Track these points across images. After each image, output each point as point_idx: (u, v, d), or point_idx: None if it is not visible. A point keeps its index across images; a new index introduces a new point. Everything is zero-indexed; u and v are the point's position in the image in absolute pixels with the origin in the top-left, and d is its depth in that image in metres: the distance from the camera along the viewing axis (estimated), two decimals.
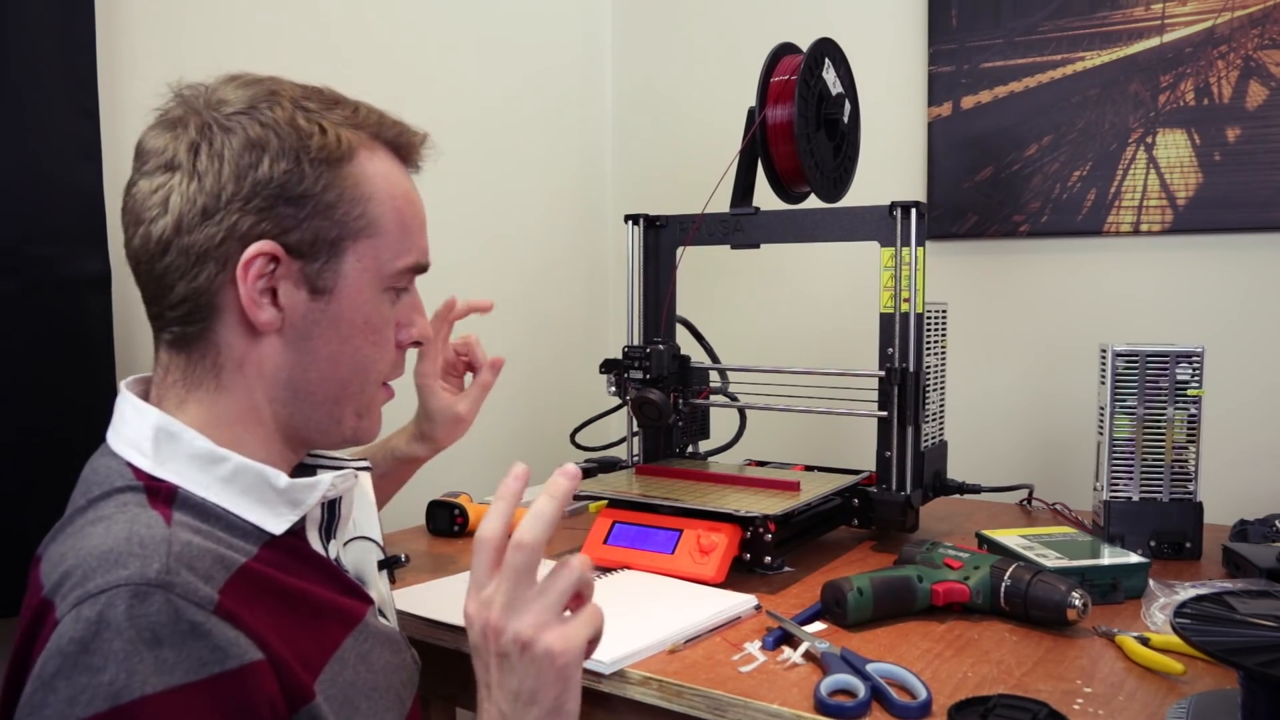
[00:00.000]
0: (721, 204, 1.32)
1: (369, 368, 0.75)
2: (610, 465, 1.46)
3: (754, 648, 0.89)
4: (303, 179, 0.69)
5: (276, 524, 0.70)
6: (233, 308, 0.70)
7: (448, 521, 1.33)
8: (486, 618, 0.67)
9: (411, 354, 1.13)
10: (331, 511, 0.77)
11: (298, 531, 0.73)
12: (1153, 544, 1.18)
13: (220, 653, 0.59)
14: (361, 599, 0.77)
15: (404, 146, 0.77)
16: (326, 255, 0.71)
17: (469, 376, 1.14)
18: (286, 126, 0.69)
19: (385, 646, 0.77)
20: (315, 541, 0.75)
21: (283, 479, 0.70)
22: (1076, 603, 0.91)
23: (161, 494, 0.66)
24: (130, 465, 0.68)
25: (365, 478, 0.90)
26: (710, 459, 1.46)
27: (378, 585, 0.83)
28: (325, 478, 0.73)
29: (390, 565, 0.87)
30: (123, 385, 0.74)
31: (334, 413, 0.75)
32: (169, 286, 0.69)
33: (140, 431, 0.69)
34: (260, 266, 0.68)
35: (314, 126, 0.70)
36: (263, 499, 0.70)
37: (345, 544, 0.82)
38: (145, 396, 0.73)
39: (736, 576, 1.08)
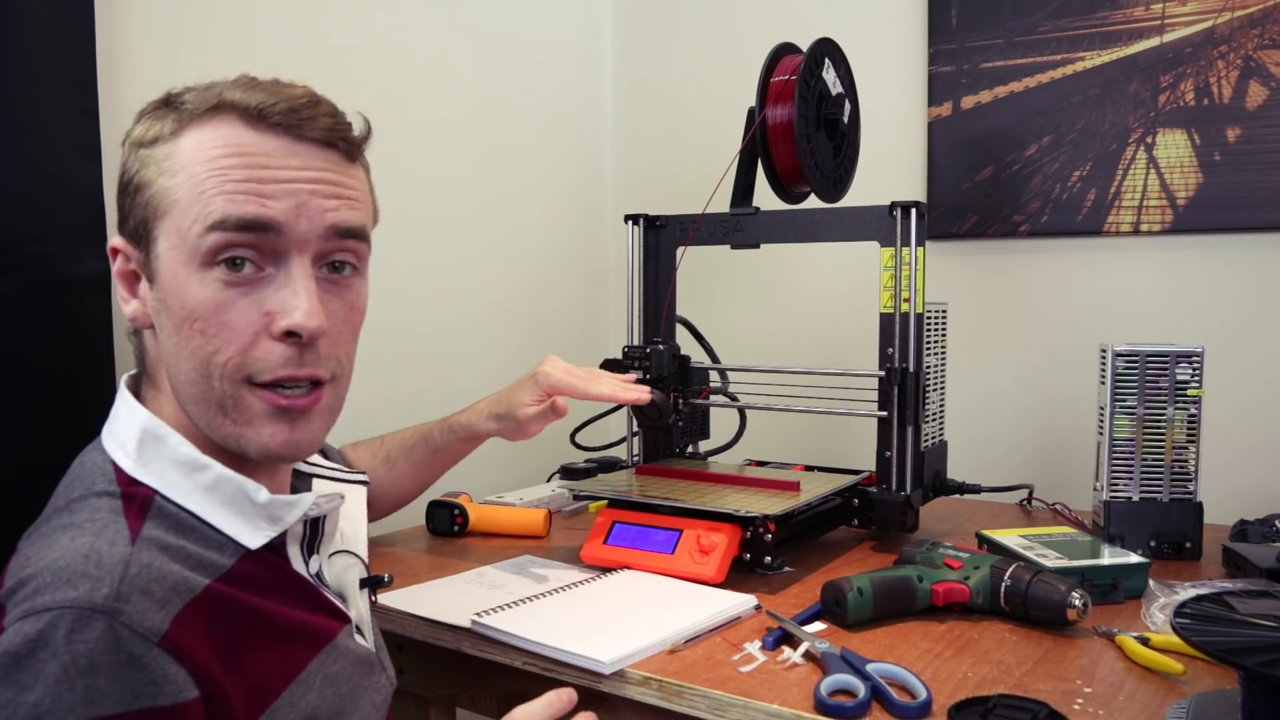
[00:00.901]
0: (721, 204, 1.32)
1: (205, 362, 0.66)
2: (610, 465, 1.46)
3: (754, 648, 0.89)
4: (128, 168, 0.70)
5: (254, 538, 0.69)
6: None
7: (448, 521, 1.33)
8: None
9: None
10: (315, 528, 0.76)
11: (277, 546, 0.71)
12: (1153, 544, 1.18)
13: (154, 687, 0.57)
14: (337, 617, 0.75)
15: (251, 109, 0.67)
16: (146, 240, 0.68)
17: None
18: (135, 122, 0.71)
19: (357, 668, 0.76)
20: (296, 557, 0.73)
21: (263, 494, 0.69)
22: (1076, 603, 0.91)
23: (137, 501, 0.65)
24: (114, 464, 0.68)
25: (356, 494, 0.87)
26: (710, 459, 1.46)
27: (358, 603, 0.81)
28: (308, 497, 0.72)
29: (372, 584, 0.84)
30: (122, 381, 0.74)
31: (203, 414, 0.68)
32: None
33: (128, 431, 0.69)
34: (120, 262, 0.71)
35: (150, 114, 0.70)
36: (242, 511, 0.69)
37: (330, 556, 0.80)
38: (138, 390, 0.74)
39: (736, 576, 1.08)
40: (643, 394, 1.11)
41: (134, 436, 0.68)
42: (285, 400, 0.68)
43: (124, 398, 0.71)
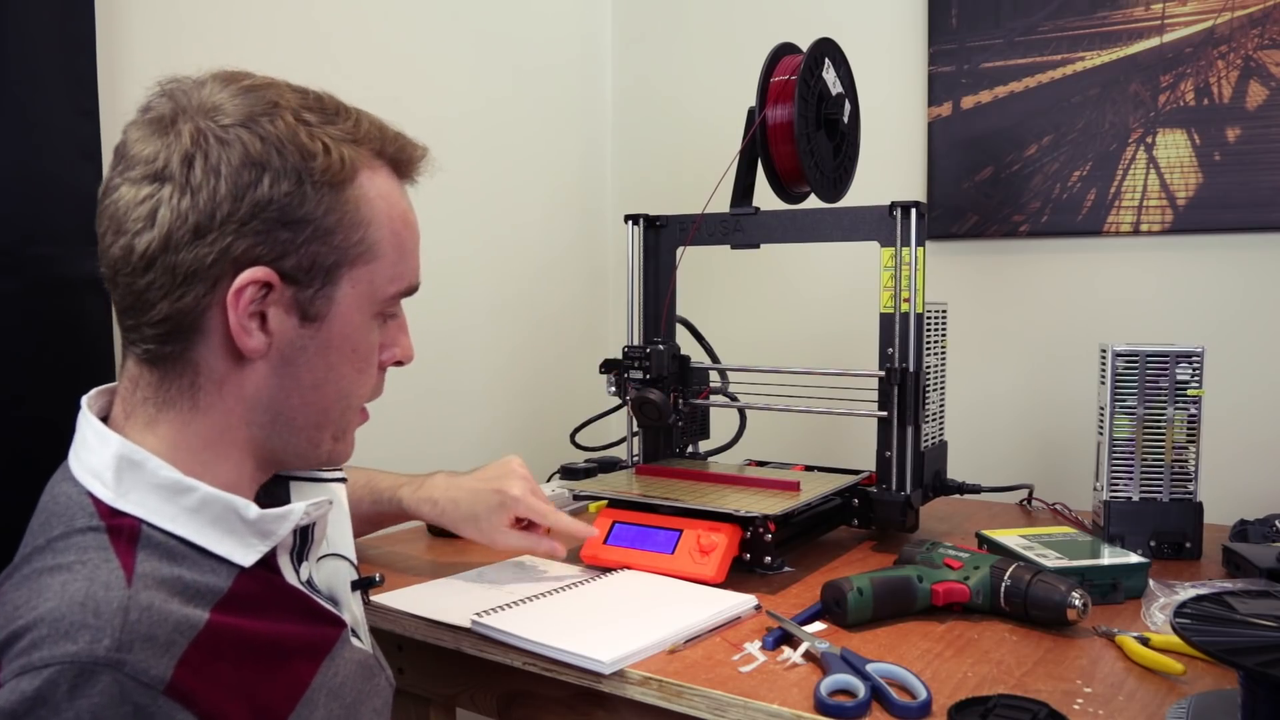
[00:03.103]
0: (721, 204, 1.32)
1: (352, 393, 0.73)
2: (610, 465, 1.46)
3: (754, 648, 0.89)
4: (304, 202, 0.65)
5: (246, 555, 0.67)
6: (217, 330, 0.66)
7: None
8: None
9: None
10: (304, 536, 0.75)
11: (268, 559, 0.70)
12: (1153, 544, 1.18)
13: None
14: (333, 624, 0.75)
15: (404, 162, 0.74)
16: (321, 281, 0.68)
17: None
18: (289, 144, 0.65)
19: (358, 674, 0.76)
20: (286, 567, 0.72)
21: (252, 510, 0.67)
22: (1076, 603, 0.91)
23: (124, 534, 0.63)
24: (91, 496, 0.64)
25: (341, 492, 0.87)
26: (710, 459, 1.46)
27: (351, 606, 0.81)
28: (297, 507, 0.71)
29: (364, 586, 0.84)
30: (84, 403, 0.70)
31: (313, 438, 0.73)
32: (150, 304, 0.65)
33: (102, 460, 0.65)
34: (252, 293, 0.65)
35: (317, 144, 0.66)
36: (231, 530, 0.67)
37: (319, 560, 0.80)
38: (109, 409, 0.71)
39: (736, 576, 1.08)
40: (591, 532, 1.11)
41: (109, 465, 0.65)
42: (367, 415, 0.78)
43: (90, 423, 0.67)
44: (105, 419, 0.70)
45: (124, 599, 0.58)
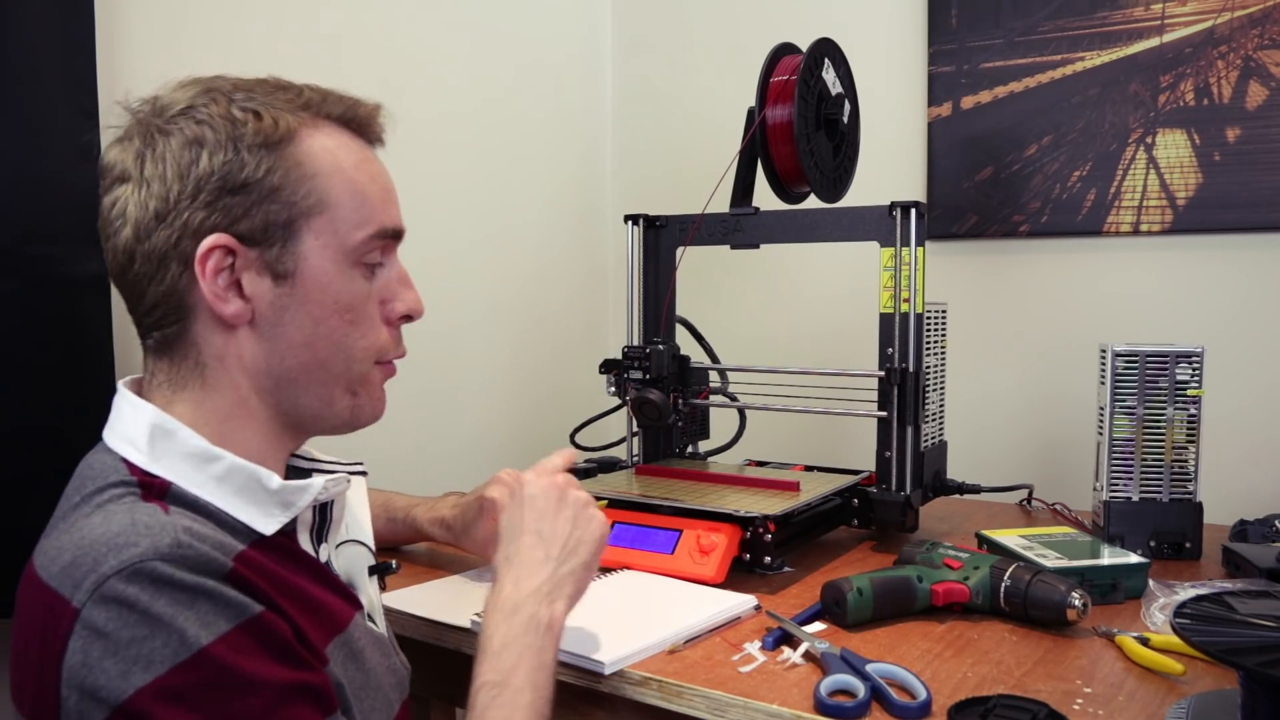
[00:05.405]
0: (721, 204, 1.32)
1: (351, 347, 0.74)
2: (610, 465, 1.46)
3: (754, 648, 0.89)
4: (243, 167, 0.69)
5: (267, 524, 0.70)
6: (204, 306, 0.70)
7: None
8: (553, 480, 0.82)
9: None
10: (323, 515, 0.77)
11: (288, 533, 0.73)
12: (1152, 544, 1.18)
13: (239, 605, 0.61)
14: (351, 602, 0.77)
15: (353, 120, 0.75)
16: (282, 239, 0.71)
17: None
18: (220, 119, 0.70)
19: (375, 647, 0.78)
20: (306, 544, 0.75)
21: (275, 480, 0.71)
22: (1076, 603, 0.91)
23: (155, 490, 0.67)
24: (125, 461, 0.68)
25: (359, 482, 0.89)
26: (710, 459, 1.46)
27: (367, 590, 0.83)
28: (317, 481, 0.73)
29: (381, 571, 0.86)
30: (121, 384, 0.74)
31: (324, 395, 0.74)
32: (142, 293, 0.71)
33: (136, 428, 0.70)
34: (218, 260, 0.69)
35: (248, 114, 0.70)
36: (255, 499, 0.70)
37: (337, 547, 0.82)
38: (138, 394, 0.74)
39: (736, 576, 1.08)
40: None
41: (143, 433, 0.69)
42: (393, 370, 0.79)
43: (126, 397, 0.72)
44: None
45: (167, 519, 0.63)
